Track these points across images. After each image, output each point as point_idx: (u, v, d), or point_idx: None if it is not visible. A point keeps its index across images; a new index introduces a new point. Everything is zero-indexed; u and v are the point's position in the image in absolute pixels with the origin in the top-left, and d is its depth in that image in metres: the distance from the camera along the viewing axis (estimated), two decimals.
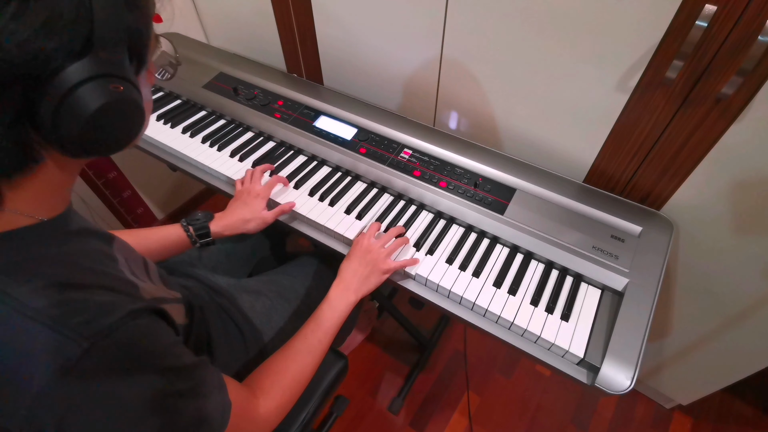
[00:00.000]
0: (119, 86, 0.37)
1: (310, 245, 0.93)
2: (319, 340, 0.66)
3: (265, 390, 0.58)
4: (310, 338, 0.66)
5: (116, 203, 1.53)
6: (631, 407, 1.30)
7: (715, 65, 0.65)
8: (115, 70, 0.37)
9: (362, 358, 1.41)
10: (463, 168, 0.92)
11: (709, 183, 0.78)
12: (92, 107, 0.36)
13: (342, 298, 0.71)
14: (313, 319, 0.68)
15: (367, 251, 0.76)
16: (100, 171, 1.42)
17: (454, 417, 1.29)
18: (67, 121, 0.35)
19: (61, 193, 0.44)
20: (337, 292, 0.72)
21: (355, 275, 0.74)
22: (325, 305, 0.70)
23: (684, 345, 1.06)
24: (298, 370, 0.62)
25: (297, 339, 0.65)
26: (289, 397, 0.60)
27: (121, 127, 0.40)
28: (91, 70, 0.35)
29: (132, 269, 0.51)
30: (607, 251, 0.78)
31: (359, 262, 0.75)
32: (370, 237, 0.79)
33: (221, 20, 1.37)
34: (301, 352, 0.64)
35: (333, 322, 0.69)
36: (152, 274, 0.59)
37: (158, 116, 1.09)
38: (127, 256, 0.52)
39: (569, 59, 0.79)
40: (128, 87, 0.38)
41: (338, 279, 0.74)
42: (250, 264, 1.01)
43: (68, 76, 0.34)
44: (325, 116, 1.04)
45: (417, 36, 0.96)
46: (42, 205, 0.41)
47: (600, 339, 0.70)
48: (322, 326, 0.68)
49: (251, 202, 0.86)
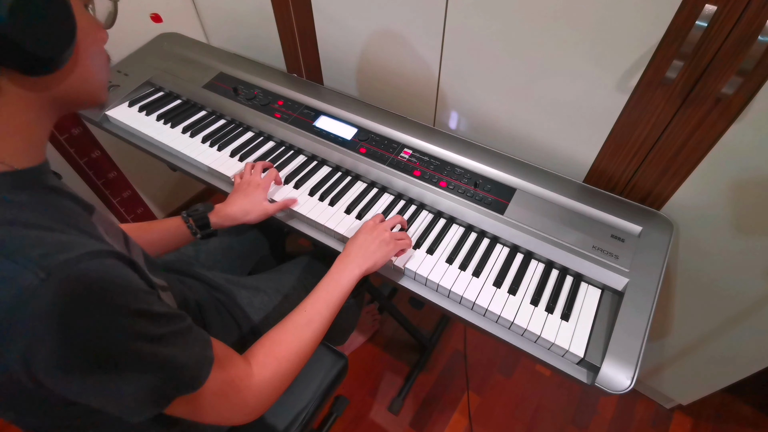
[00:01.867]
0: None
1: (310, 245, 0.93)
2: (319, 311, 0.64)
3: (260, 360, 0.56)
4: (309, 311, 0.63)
5: (116, 203, 1.53)
6: (631, 407, 1.30)
7: (715, 65, 0.65)
8: None
9: (362, 358, 1.41)
10: (463, 168, 0.92)
11: (709, 183, 0.78)
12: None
13: (344, 271, 0.69)
14: (314, 292, 0.66)
15: (373, 228, 0.76)
16: (100, 171, 1.42)
17: (454, 417, 1.29)
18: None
19: (33, 141, 0.43)
20: (340, 265, 0.70)
21: (360, 248, 0.72)
22: (326, 278, 0.68)
23: (684, 345, 1.06)
24: (295, 342, 0.60)
25: (296, 312, 0.63)
26: (285, 369, 0.58)
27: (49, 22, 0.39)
28: None
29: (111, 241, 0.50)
30: (607, 251, 0.78)
31: (365, 237, 0.74)
32: (375, 220, 0.79)
33: (221, 20, 1.37)
34: (299, 324, 0.62)
35: (335, 295, 0.66)
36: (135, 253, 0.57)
37: (158, 116, 1.09)
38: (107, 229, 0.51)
39: (569, 59, 0.79)
40: None
41: (342, 254, 0.72)
42: (249, 264, 1.01)
43: None
44: (325, 116, 1.04)
45: (417, 36, 0.96)
46: (11, 149, 0.41)
47: (600, 339, 0.70)
48: (322, 299, 0.65)
49: (252, 192, 0.86)
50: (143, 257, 0.60)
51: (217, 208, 0.83)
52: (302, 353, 0.60)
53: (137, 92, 1.16)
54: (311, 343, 0.62)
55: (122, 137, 1.08)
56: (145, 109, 1.11)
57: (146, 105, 1.12)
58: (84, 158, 1.35)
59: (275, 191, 0.93)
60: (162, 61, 1.22)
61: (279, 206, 0.86)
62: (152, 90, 1.18)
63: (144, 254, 0.61)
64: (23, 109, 0.41)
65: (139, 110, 1.11)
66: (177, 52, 1.25)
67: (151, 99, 1.14)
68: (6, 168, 0.41)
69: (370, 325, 1.46)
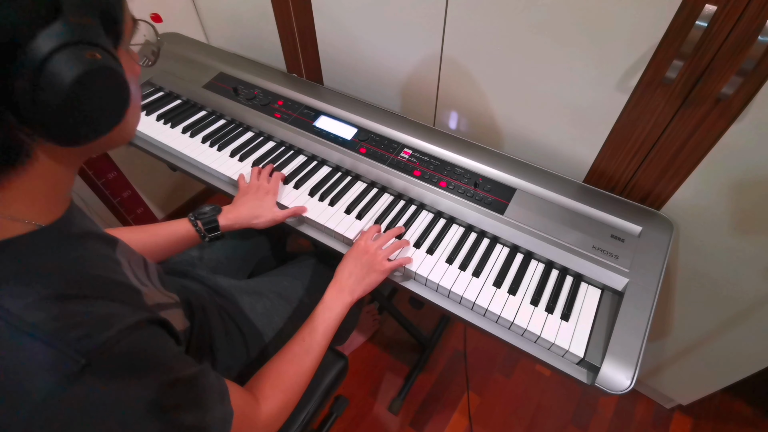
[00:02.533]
0: (95, 53, 0.35)
1: (310, 245, 0.93)
2: (317, 341, 0.66)
3: (266, 394, 0.58)
4: (308, 340, 0.66)
5: (116, 203, 1.53)
6: (631, 407, 1.30)
7: (715, 65, 0.65)
8: (90, 36, 0.35)
9: (362, 358, 1.41)
10: (463, 168, 0.92)
11: (709, 183, 0.78)
12: (70, 77, 0.33)
13: (337, 299, 0.71)
14: (309, 321, 0.68)
15: (363, 252, 0.76)
16: (100, 171, 1.42)
17: (454, 417, 1.29)
18: (46, 97, 0.33)
19: (59, 195, 0.42)
20: (333, 294, 0.72)
21: (351, 276, 0.74)
22: (320, 307, 0.70)
23: (684, 345, 1.06)
24: (297, 372, 0.63)
25: (294, 342, 0.66)
26: (289, 399, 0.60)
27: (105, 101, 0.37)
28: (62, 37, 0.33)
29: (134, 271, 0.50)
30: (607, 251, 0.78)
31: (355, 263, 0.75)
32: (367, 239, 0.78)
33: (221, 20, 1.37)
34: (298, 354, 0.64)
35: (329, 323, 0.69)
36: (152, 276, 0.59)
37: (158, 116, 1.09)
38: (130, 258, 0.52)
39: (569, 59, 0.79)
40: (106, 56, 0.36)
41: (334, 280, 0.74)
42: (250, 264, 1.01)
43: (39, 45, 0.32)
44: (325, 116, 1.04)
45: (417, 36, 0.96)
46: (38, 208, 0.39)
47: (600, 339, 0.70)
48: (318, 328, 0.68)
49: (263, 198, 0.86)
50: (158, 275, 0.61)
51: (225, 210, 0.83)
52: (303, 382, 0.63)
53: None
54: (311, 370, 0.65)
55: None
56: (145, 109, 1.11)
57: (146, 105, 1.12)
58: None
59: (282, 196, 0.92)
60: (162, 61, 1.22)
61: (288, 213, 0.86)
62: (152, 90, 1.18)
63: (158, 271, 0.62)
64: (54, 166, 0.39)
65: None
66: (177, 52, 1.25)
67: (151, 99, 1.14)
68: (30, 228, 0.38)
69: (370, 325, 1.46)
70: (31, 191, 0.38)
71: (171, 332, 0.46)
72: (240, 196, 0.88)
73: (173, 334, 0.47)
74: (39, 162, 0.37)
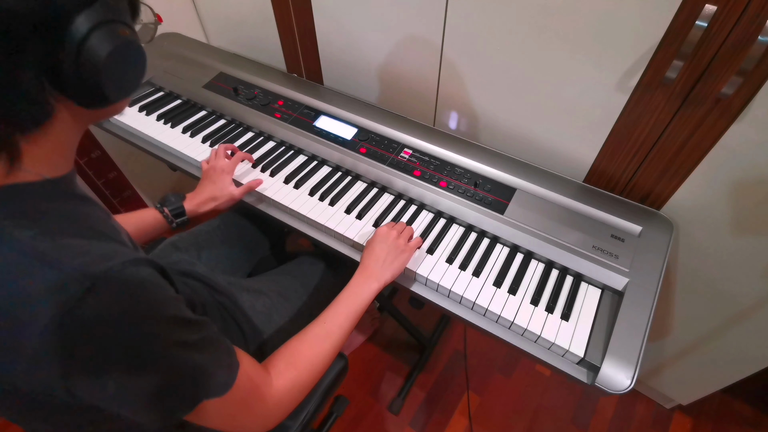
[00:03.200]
0: (126, 30, 0.40)
1: (310, 245, 0.93)
2: (339, 325, 0.65)
3: (280, 370, 0.57)
4: (329, 323, 0.64)
5: (116, 203, 1.53)
6: (631, 407, 1.30)
7: (715, 65, 0.66)
8: (120, 15, 0.40)
9: (362, 358, 1.41)
10: (463, 168, 0.92)
11: (709, 183, 0.78)
12: (106, 51, 0.38)
13: (364, 285, 0.70)
14: (333, 305, 0.67)
15: (387, 236, 0.76)
16: (100, 171, 1.42)
17: (454, 417, 1.29)
18: (85, 68, 0.38)
19: (67, 153, 0.45)
20: (359, 280, 0.71)
21: (378, 261, 0.73)
22: (346, 292, 0.69)
23: (684, 345, 1.06)
24: (315, 354, 0.61)
25: (316, 323, 0.64)
26: (304, 379, 0.59)
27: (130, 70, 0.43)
28: (100, 16, 0.38)
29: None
30: (607, 251, 0.78)
31: (382, 247, 0.74)
32: (388, 228, 0.78)
33: (221, 20, 1.37)
34: (319, 336, 0.63)
35: (354, 308, 0.67)
36: None
37: (158, 116, 1.09)
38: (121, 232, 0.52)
39: (569, 59, 0.79)
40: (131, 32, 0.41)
41: (361, 267, 0.73)
42: (250, 264, 1.01)
43: (81, 23, 0.37)
44: (325, 116, 1.04)
45: (417, 36, 0.96)
46: (46, 164, 0.42)
47: (600, 338, 0.70)
48: (341, 312, 0.66)
49: (217, 178, 0.88)
50: None
51: (189, 196, 0.86)
52: (321, 364, 0.61)
53: (137, 92, 1.16)
54: (330, 354, 0.63)
55: (122, 137, 1.08)
56: (145, 109, 1.11)
57: (146, 105, 1.12)
58: (84, 158, 1.35)
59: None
60: (162, 61, 1.22)
61: (244, 189, 0.88)
62: (152, 90, 1.18)
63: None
64: (68, 130, 0.43)
65: (139, 110, 1.11)
66: (177, 52, 1.25)
67: (151, 99, 1.14)
68: (39, 178, 0.42)
69: (370, 325, 1.46)
70: (42, 147, 0.41)
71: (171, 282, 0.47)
72: (201, 180, 0.90)
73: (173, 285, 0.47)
74: (56, 123, 0.41)
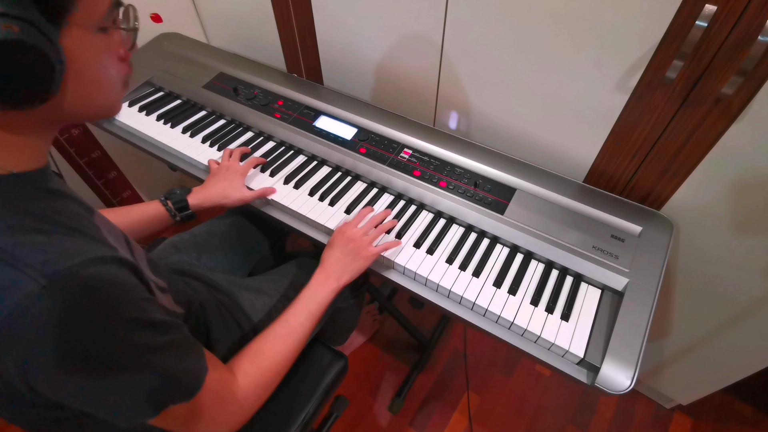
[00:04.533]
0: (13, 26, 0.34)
1: (310, 245, 0.93)
2: (300, 323, 0.66)
3: (245, 370, 0.57)
4: (291, 322, 0.66)
5: (116, 203, 1.53)
6: (631, 407, 1.30)
7: (715, 65, 0.65)
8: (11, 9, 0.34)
9: (362, 358, 1.41)
10: (463, 168, 0.92)
11: (709, 183, 0.78)
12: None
13: (324, 285, 0.71)
14: (294, 304, 0.68)
15: (350, 240, 0.76)
16: (100, 171, 1.42)
17: (454, 417, 1.29)
18: None
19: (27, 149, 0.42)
20: (319, 279, 0.72)
21: (338, 263, 0.74)
22: (306, 291, 0.70)
23: (684, 345, 1.06)
24: (278, 352, 0.62)
25: (278, 323, 0.65)
26: (268, 378, 0.60)
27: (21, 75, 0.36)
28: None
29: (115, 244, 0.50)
30: (607, 251, 0.78)
31: (341, 250, 0.75)
32: (353, 226, 0.78)
33: (221, 20, 1.37)
34: (281, 335, 0.64)
35: (314, 308, 0.69)
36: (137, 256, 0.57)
37: (158, 116, 1.09)
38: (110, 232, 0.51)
39: (569, 59, 0.79)
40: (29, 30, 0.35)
41: (321, 266, 0.74)
42: (249, 264, 1.01)
43: None
44: (325, 116, 1.04)
45: (417, 36, 0.96)
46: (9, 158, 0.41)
47: (600, 339, 0.70)
48: (303, 311, 0.68)
49: (231, 177, 0.88)
50: (145, 259, 0.60)
51: (195, 190, 0.85)
52: (284, 363, 0.63)
53: (137, 92, 1.16)
54: (293, 353, 0.64)
55: (122, 137, 1.08)
56: (145, 109, 1.11)
57: (146, 105, 1.12)
58: (84, 158, 1.35)
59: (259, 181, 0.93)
60: (162, 61, 1.22)
61: (256, 194, 0.88)
62: (152, 90, 1.18)
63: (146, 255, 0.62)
64: (16, 128, 0.41)
65: (139, 110, 1.11)
66: (177, 52, 1.25)
67: (151, 99, 1.14)
68: (4, 172, 0.40)
69: (370, 325, 1.46)
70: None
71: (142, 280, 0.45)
72: (209, 177, 0.90)
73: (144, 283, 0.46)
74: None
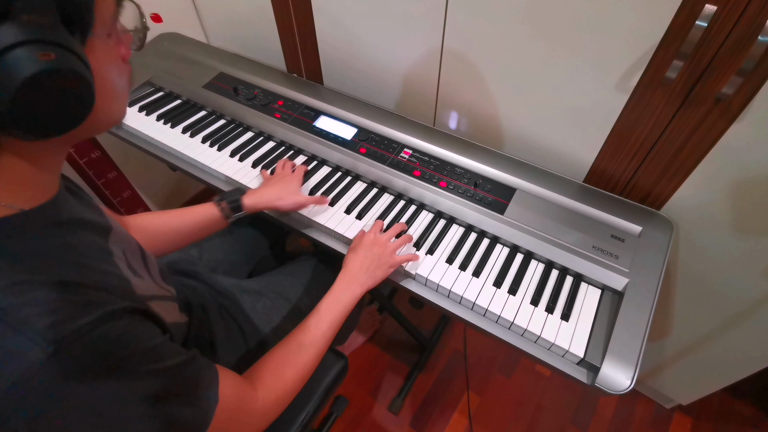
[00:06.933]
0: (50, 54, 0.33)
1: (310, 245, 0.93)
2: (323, 332, 0.65)
3: (266, 383, 0.56)
4: (314, 330, 0.64)
5: (116, 203, 1.53)
6: (631, 407, 1.30)
7: (715, 65, 0.65)
8: (44, 35, 0.33)
9: (362, 358, 1.41)
10: (463, 168, 0.92)
11: (709, 183, 0.78)
12: (20, 78, 0.32)
13: (347, 291, 0.69)
14: (316, 312, 0.66)
15: (373, 244, 0.75)
16: (100, 171, 1.42)
17: (454, 417, 1.29)
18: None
19: (41, 180, 0.41)
20: (343, 285, 0.70)
21: (362, 268, 0.72)
22: (329, 297, 0.69)
23: (684, 345, 1.06)
24: (300, 363, 0.61)
25: (300, 331, 0.64)
26: (290, 389, 0.59)
27: (62, 101, 0.35)
28: (11, 37, 0.31)
29: (129, 261, 0.49)
30: (607, 251, 0.78)
31: (366, 255, 0.74)
32: (375, 232, 0.78)
33: (221, 20, 1.37)
34: (303, 344, 0.62)
35: (337, 315, 0.67)
36: (151, 267, 0.57)
37: (158, 116, 1.09)
38: (125, 248, 0.50)
39: (569, 59, 0.79)
40: (64, 54, 0.34)
41: (344, 271, 0.72)
42: (250, 264, 1.01)
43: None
44: (325, 116, 1.04)
45: (417, 36, 0.96)
46: (17, 192, 0.38)
47: (600, 339, 0.70)
48: (325, 319, 0.66)
49: (288, 180, 0.88)
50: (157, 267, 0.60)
51: (250, 192, 0.85)
52: (306, 373, 0.62)
53: (137, 92, 1.16)
54: (314, 361, 0.63)
55: (122, 137, 1.08)
56: (145, 109, 1.11)
57: (146, 105, 1.12)
58: (84, 158, 1.35)
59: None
60: (162, 61, 1.22)
61: (312, 200, 0.88)
62: (152, 90, 1.18)
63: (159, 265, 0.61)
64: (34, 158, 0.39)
65: (139, 110, 1.11)
66: (177, 52, 1.25)
67: (151, 99, 1.14)
68: (12, 211, 0.38)
69: (370, 325, 1.46)
70: (6, 175, 0.37)
71: (156, 321, 0.45)
72: (265, 182, 0.90)
73: (159, 324, 0.45)
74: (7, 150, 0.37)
